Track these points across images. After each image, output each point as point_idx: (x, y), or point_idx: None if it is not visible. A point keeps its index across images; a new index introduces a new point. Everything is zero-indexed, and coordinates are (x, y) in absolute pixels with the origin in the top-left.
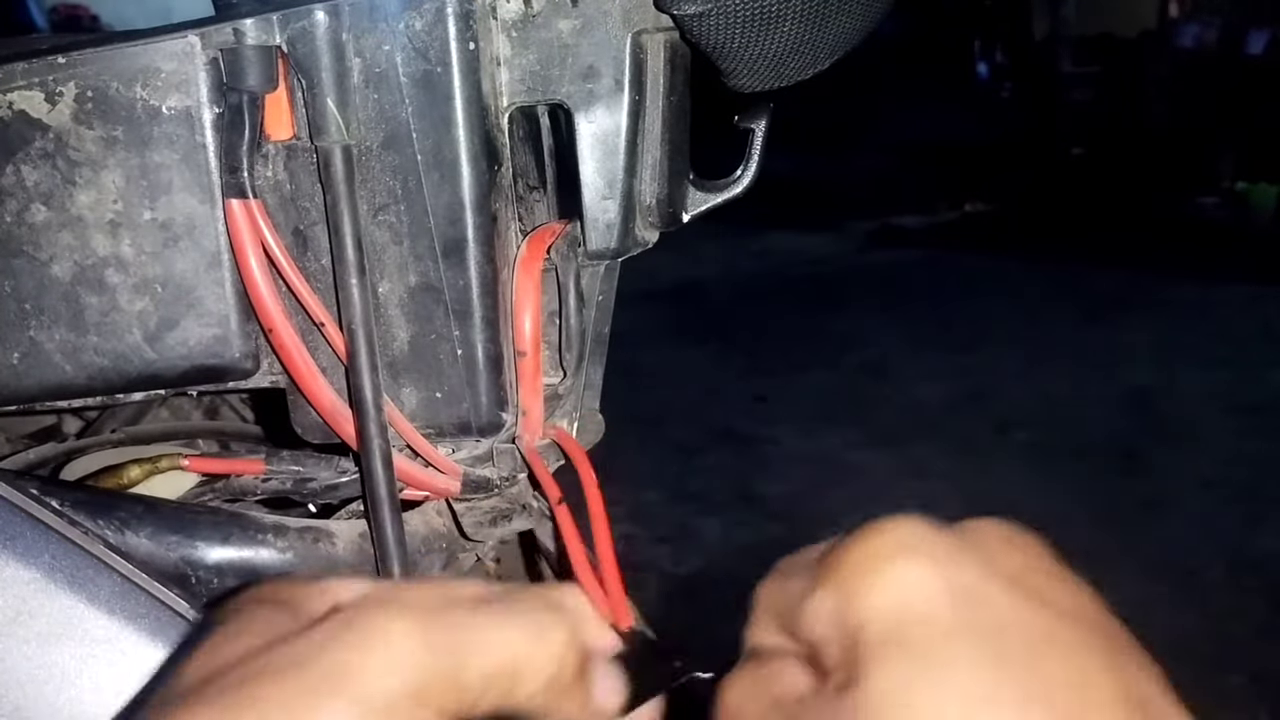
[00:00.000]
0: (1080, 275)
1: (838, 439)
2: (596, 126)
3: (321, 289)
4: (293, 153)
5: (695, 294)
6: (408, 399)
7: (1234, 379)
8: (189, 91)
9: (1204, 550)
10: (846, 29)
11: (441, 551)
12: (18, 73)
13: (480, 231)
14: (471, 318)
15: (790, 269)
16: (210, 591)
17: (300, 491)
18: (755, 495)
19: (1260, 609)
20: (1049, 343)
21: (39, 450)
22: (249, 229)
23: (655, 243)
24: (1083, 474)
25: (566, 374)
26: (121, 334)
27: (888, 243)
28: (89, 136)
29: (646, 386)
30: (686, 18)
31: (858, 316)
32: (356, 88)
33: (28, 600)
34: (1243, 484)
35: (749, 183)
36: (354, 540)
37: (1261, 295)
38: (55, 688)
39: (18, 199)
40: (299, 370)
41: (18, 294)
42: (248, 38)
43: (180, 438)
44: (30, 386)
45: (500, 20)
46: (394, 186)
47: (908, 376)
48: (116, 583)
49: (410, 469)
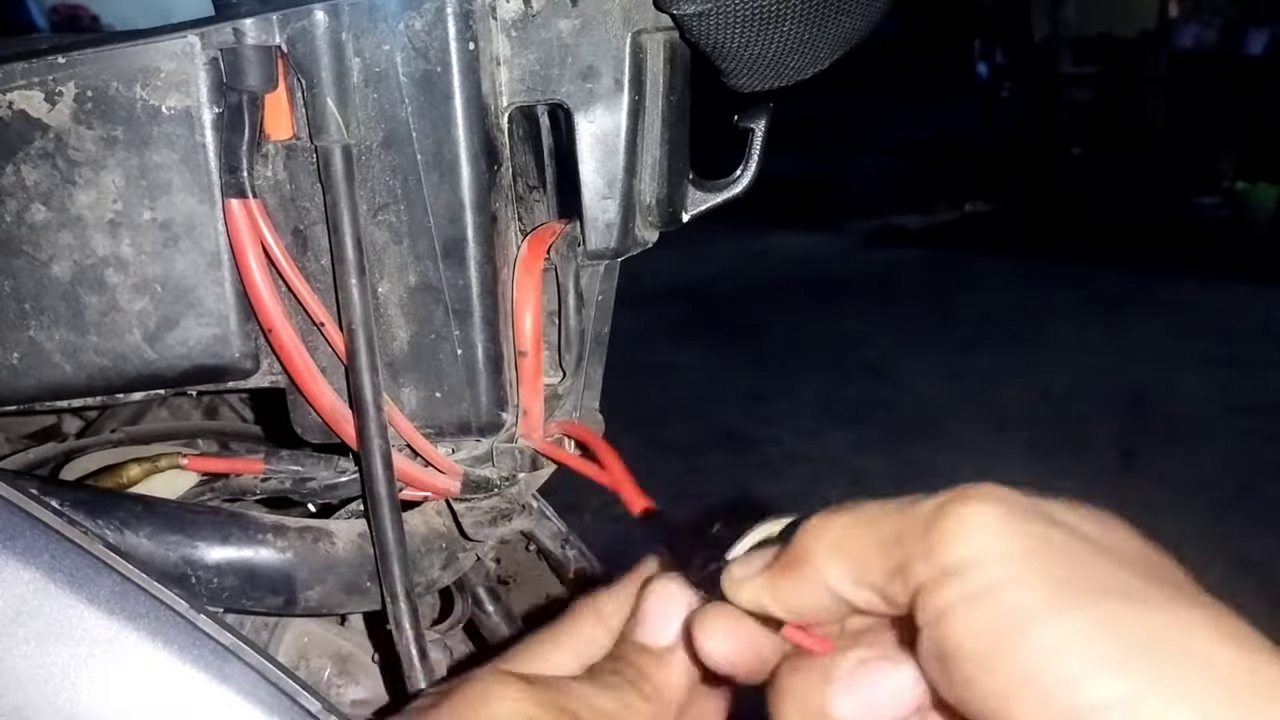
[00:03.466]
0: (1080, 275)
1: (838, 439)
2: (596, 126)
3: (321, 289)
4: (292, 152)
5: (695, 294)
6: (408, 399)
7: (1234, 379)
8: (189, 91)
9: (1204, 550)
10: (846, 29)
11: (441, 551)
12: (18, 73)
13: (480, 231)
14: (471, 317)
15: (790, 269)
16: (210, 591)
17: (300, 491)
18: (755, 495)
19: (1260, 609)
20: (1049, 342)
21: (39, 450)
22: (249, 229)
23: (655, 243)
24: (1083, 474)
25: (566, 374)
26: (121, 334)
27: (888, 243)
28: (89, 136)
29: (646, 386)
30: (686, 18)
31: (858, 316)
32: (356, 87)
33: (28, 600)
34: (1243, 484)
35: (749, 183)
36: (354, 540)
37: (1261, 295)
38: (55, 688)
39: (18, 199)
40: (299, 370)
41: (18, 294)
42: (247, 37)
43: (180, 437)
44: (30, 386)
45: (500, 20)
46: (394, 186)
47: (908, 376)
48: (116, 583)
49: (410, 469)
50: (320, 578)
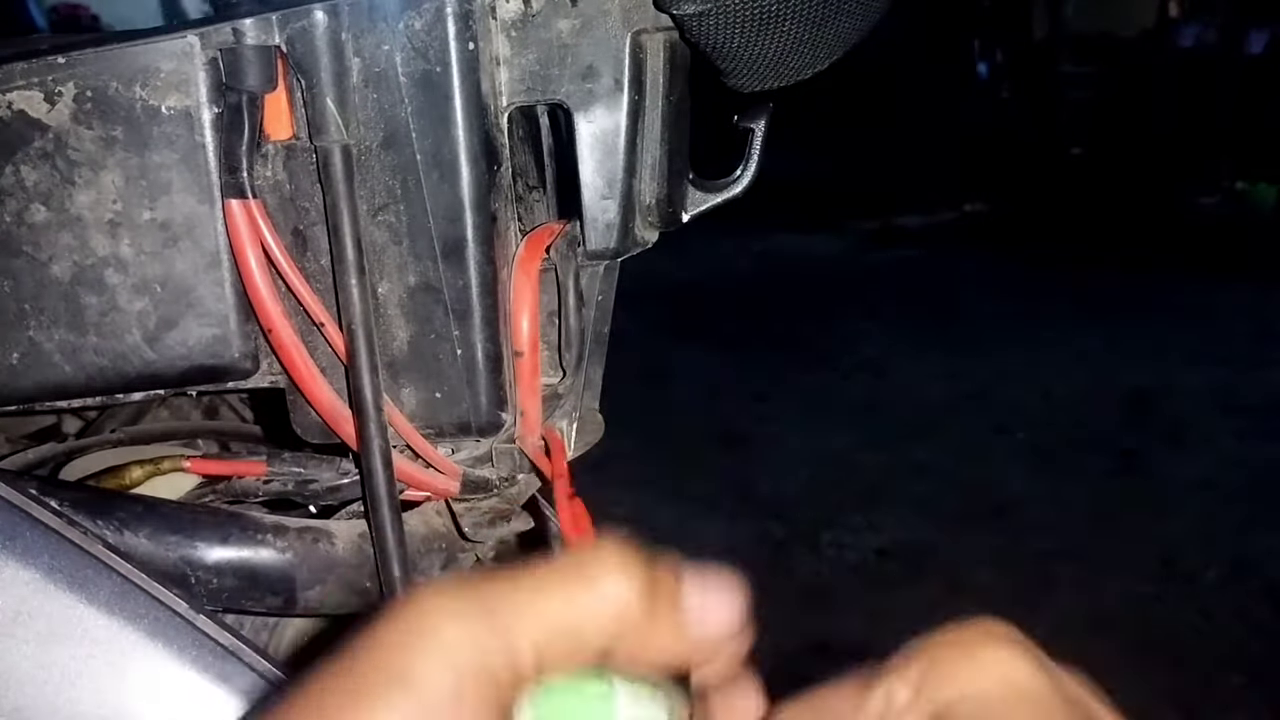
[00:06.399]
0: (1080, 275)
1: (838, 439)
2: (596, 126)
3: (321, 289)
4: (292, 153)
5: (695, 294)
6: (407, 399)
7: (1234, 379)
8: (188, 91)
9: (1204, 550)
10: (846, 29)
11: (441, 552)
12: (18, 73)
13: (480, 231)
14: (471, 318)
15: (790, 269)
16: (210, 591)
17: (302, 493)
18: (755, 495)
19: (1260, 609)
20: (1049, 343)
21: (39, 450)
22: (248, 229)
23: (655, 242)
24: (1083, 474)
25: (566, 374)
26: (121, 334)
27: (888, 243)
28: (88, 136)
29: (646, 387)
30: (686, 18)
31: (858, 316)
32: (356, 87)
33: (28, 600)
34: (1242, 484)
35: (749, 183)
36: (354, 540)
37: (1261, 295)
38: (55, 688)
39: (18, 199)
40: (299, 370)
41: (17, 294)
42: (247, 38)
43: (180, 438)
44: (30, 386)
45: (500, 20)
46: (393, 186)
47: (908, 376)
48: (116, 583)
49: (410, 469)
50: (320, 578)
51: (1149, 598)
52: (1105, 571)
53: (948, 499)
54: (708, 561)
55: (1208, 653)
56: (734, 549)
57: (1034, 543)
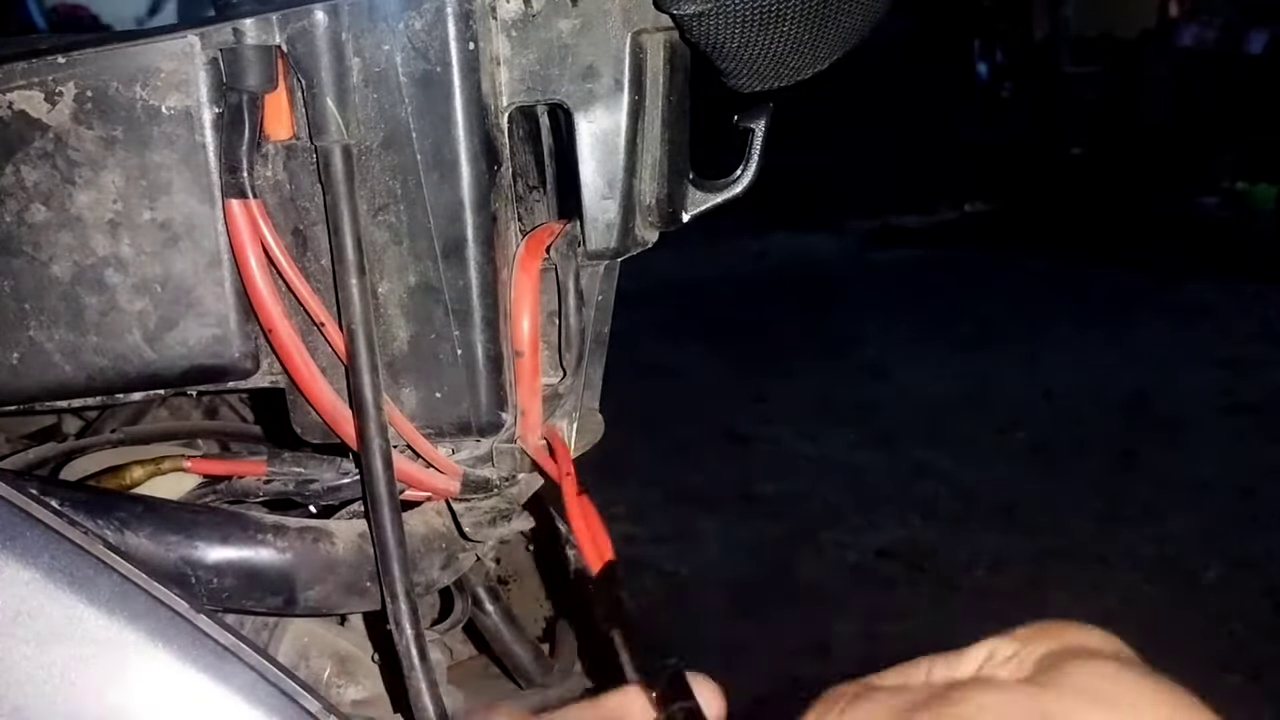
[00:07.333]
0: (1080, 275)
1: (838, 439)
2: (596, 126)
3: (321, 289)
4: (292, 153)
5: (695, 294)
6: (408, 399)
7: (1234, 379)
8: (189, 91)
9: (1204, 550)
10: (846, 28)
11: (441, 552)
12: (18, 73)
13: (480, 231)
14: (471, 318)
15: (790, 269)
16: (210, 591)
17: (303, 493)
18: (755, 495)
19: (1260, 609)
20: (1049, 343)
21: (39, 450)
22: (249, 229)
23: (655, 242)
24: (1083, 474)
25: (566, 373)
26: (121, 334)
27: (888, 242)
28: (89, 136)
29: (647, 386)
30: (686, 17)
31: (858, 316)
32: (356, 87)
33: (28, 600)
34: (1242, 484)
35: (749, 182)
36: (354, 540)
37: (1261, 295)
38: (55, 688)
39: (18, 199)
40: (299, 370)
41: (18, 294)
42: (247, 37)
43: (180, 438)
44: (30, 386)
45: (500, 20)
46: (394, 186)
47: (907, 376)
48: (116, 583)
49: (410, 469)
50: (320, 578)
51: (1149, 598)
52: (1105, 571)
53: (948, 499)
54: (709, 568)
55: (1208, 653)
56: (734, 549)
57: (1034, 543)
